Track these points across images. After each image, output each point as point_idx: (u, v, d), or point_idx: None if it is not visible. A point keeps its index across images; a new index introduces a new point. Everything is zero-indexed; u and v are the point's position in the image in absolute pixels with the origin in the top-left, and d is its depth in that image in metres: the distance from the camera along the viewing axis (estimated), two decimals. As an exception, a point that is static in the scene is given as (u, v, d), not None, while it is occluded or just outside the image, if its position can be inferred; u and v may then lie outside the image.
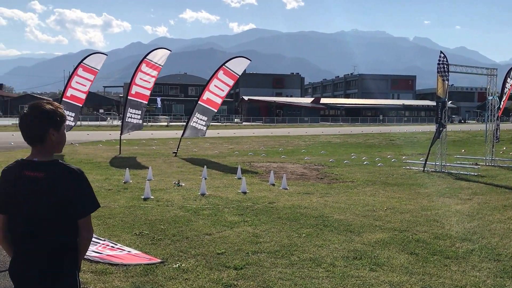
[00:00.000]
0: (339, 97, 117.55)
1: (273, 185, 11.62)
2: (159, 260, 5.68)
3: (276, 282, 5.02)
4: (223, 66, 19.37)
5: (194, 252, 6.04)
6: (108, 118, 67.80)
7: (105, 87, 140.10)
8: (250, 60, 20.41)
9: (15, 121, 56.30)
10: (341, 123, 78.39)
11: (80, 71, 20.82)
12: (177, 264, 5.53)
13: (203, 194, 10.15)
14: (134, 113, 20.24)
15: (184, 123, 52.92)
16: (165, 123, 62.95)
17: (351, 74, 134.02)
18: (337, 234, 7.03)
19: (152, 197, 9.74)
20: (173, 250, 6.13)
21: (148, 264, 5.52)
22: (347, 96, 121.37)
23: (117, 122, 58.51)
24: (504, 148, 24.38)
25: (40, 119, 2.56)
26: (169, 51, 21.65)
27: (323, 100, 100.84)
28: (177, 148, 20.07)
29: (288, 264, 5.60)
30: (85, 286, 4.83)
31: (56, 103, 2.68)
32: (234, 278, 5.11)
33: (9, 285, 5.00)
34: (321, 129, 53.03)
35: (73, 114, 21.30)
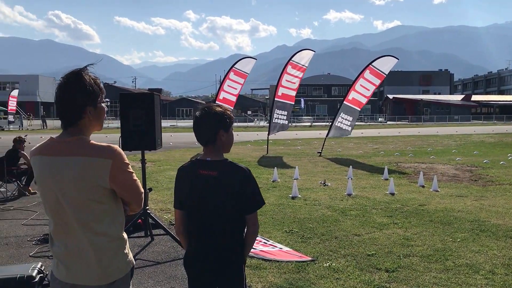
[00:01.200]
0: (492, 94, 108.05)
1: (423, 186, 11.11)
2: (310, 258, 5.78)
3: (431, 287, 4.82)
4: (370, 65, 18.97)
5: (343, 252, 6.04)
6: (255, 119, 70.51)
7: (252, 89, 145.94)
8: (398, 59, 19.69)
9: (174, 122, 61.50)
10: (495, 121, 71.96)
11: (231, 75, 21.93)
12: (328, 263, 5.58)
13: (349, 194, 10.09)
14: (281, 114, 20.80)
15: (327, 123, 52.66)
16: (309, 124, 63.58)
17: (506, 69, 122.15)
18: (495, 240, 6.50)
19: (299, 195, 9.94)
20: (322, 249, 6.20)
21: (299, 262, 5.66)
22: (501, 92, 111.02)
23: (264, 123, 60.60)
24: None
25: (211, 121, 2.76)
26: (313, 52, 21.85)
27: (475, 97, 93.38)
28: (322, 148, 20.16)
29: (443, 269, 5.33)
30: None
31: (225, 105, 2.88)
32: (386, 281, 5.01)
33: (174, 274, 5.50)
34: (472, 127, 49.21)
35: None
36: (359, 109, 20.12)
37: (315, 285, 4.96)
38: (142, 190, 2.52)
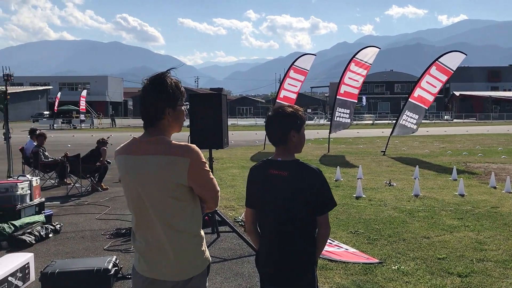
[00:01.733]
0: None
1: (495, 188, 10.63)
2: (377, 260, 5.68)
3: (508, 295, 4.62)
4: (436, 61, 18.36)
5: (412, 255, 5.89)
6: (315, 118, 70.04)
7: (312, 87, 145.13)
8: (466, 55, 18.91)
9: (235, 121, 62.19)
10: None
11: (291, 73, 21.92)
12: (396, 266, 5.45)
13: (416, 195, 9.81)
14: (343, 112, 20.55)
15: (390, 122, 51.33)
16: (370, 122, 62.38)
17: None
18: None
19: (364, 196, 9.79)
20: (390, 251, 6.07)
21: (366, 263, 5.57)
22: None
23: (323, 121, 60.08)
24: None
25: (282, 121, 2.76)
26: (378, 49, 21.42)
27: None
28: (386, 147, 19.73)
29: (521, 276, 5.08)
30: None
31: (296, 106, 2.86)
32: (459, 286, 4.84)
33: (241, 271, 5.57)
34: (549, 126, 46.50)
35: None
36: (426, 107, 19.49)
37: (384, 288, 4.88)
38: (219, 189, 2.57)
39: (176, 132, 2.55)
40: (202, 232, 2.57)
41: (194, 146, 2.42)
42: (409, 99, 19.15)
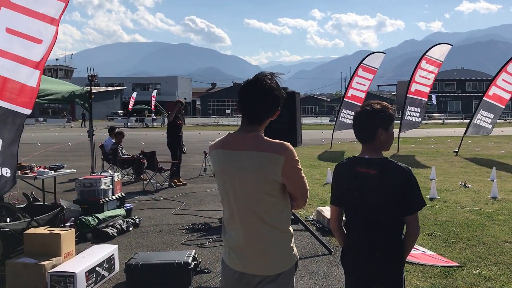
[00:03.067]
0: None
1: None
2: (457, 264, 5.52)
3: None
4: (515, 57, 17.44)
5: (494, 259, 5.67)
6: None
7: (378, 85, 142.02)
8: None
9: (305, 120, 61.97)
10: None
11: (360, 71, 21.59)
12: (477, 270, 5.27)
13: (494, 198, 9.42)
14: (414, 111, 19.99)
15: (461, 121, 49.17)
16: (440, 121, 60.25)
17: None
18: None
19: (438, 197, 9.51)
20: (469, 254, 5.87)
21: (445, 267, 5.42)
22: None
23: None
24: None
25: (370, 119, 2.74)
26: (450, 46, 20.67)
27: None
28: (459, 147, 19.01)
29: None
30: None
31: (385, 103, 2.82)
32: (548, 294, 4.62)
33: (316, 270, 5.59)
34: None
35: (352, 113, 22.29)
36: (503, 106, 18.55)
37: (465, 292, 4.74)
38: (308, 188, 2.62)
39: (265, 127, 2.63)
40: (291, 229, 2.62)
41: (288, 144, 2.49)
42: (484, 98, 18.31)
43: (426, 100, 20.78)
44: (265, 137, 2.52)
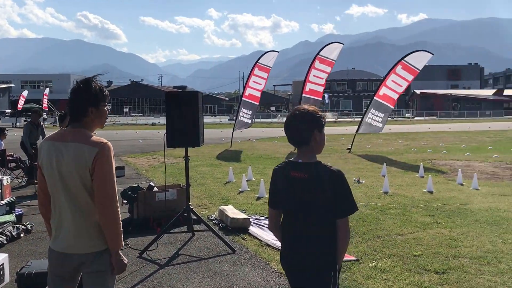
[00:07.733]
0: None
1: (462, 184, 10.86)
2: (354, 258, 5.69)
3: (486, 291, 4.67)
4: (402, 60, 18.58)
5: (388, 252, 5.92)
6: (279, 115, 70.34)
7: (275, 85, 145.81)
8: (433, 54, 19.18)
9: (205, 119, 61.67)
10: (531, 116, 70.10)
11: (256, 70, 21.79)
12: (373, 263, 5.47)
13: (386, 192, 9.92)
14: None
15: (353, 119, 51.83)
16: (333, 119, 63.12)
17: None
18: (549, 242, 6.28)
19: (335, 193, 9.81)
20: (366, 248, 6.09)
21: (343, 261, 5.54)
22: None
23: (288, 119, 60.26)
24: None
25: (306, 121, 2.71)
26: (342, 45, 21.43)
27: (507, 92, 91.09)
28: (351, 144, 19.94)
29: (497, 272, 5.15)
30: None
31: (313, 106, 2.83)
32: (437, 283, 4.88)
33: (219, 270, 5.46)
34: (507, 123, 47.99)
35: (251, 113, 22.53)
36: (392, 107, 19.70)
37: (363, 286, 4.87)
38: (114, 189, 2.75)
39: (99, 128, 2.94)
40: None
41: (107, 142, 2.77)
42: (375, 98, 19.35)
43: (320, 99, 21.53)
44: (90, 133, 2.79)
